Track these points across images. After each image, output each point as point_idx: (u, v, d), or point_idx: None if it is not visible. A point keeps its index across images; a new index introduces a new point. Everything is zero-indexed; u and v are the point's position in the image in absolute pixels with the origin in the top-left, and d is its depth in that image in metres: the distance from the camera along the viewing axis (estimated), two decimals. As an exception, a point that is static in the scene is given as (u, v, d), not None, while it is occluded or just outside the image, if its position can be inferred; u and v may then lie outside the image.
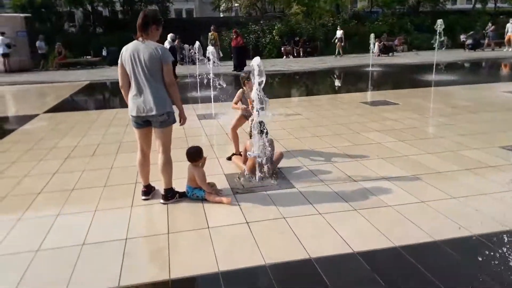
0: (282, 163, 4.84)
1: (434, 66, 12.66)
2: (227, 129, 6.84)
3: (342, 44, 23.35)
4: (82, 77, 17.16)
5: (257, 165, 4.39)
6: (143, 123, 3.97)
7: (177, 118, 4.07)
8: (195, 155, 4.15)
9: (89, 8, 29.56)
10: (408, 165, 4.81)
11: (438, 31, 12.41)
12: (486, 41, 23.95)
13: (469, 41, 23.72)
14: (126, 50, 3.86)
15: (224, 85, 8.08)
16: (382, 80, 14.18)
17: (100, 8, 30.89)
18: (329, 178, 4.49)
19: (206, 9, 41.39)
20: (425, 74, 13.43)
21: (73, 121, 8.19)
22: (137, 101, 3.84)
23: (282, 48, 24.10)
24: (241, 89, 5.38)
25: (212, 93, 8.28)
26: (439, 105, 8.29)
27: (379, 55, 22.32)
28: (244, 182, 4.46)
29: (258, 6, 33.98)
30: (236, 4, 38.28)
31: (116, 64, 4.09)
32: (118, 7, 30.54)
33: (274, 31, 24.73)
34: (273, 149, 4.55)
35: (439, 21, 12.34)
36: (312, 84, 14.49)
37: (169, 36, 15.13)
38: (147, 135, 4.11)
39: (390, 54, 22.46)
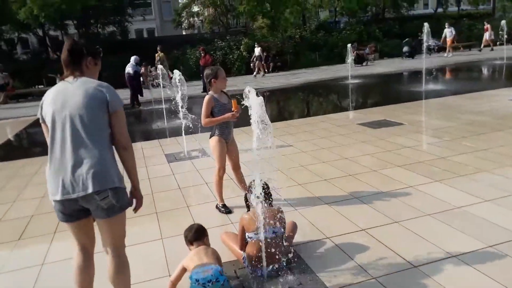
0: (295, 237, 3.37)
1: (423, 74, 11.63)
2: (205, 173, 5.34)
3: (263, 62, 21.17)
4: (30, 110, 15.18)
5: (263, 253, 2.89)
6: (74, 213, 2.48)
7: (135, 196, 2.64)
8: (205, 231, 3.12)
9: (40, 32, 27.40)
10: (481, 229, 3.45)
11: (422, 37, 11.41)
12: (424, 47, 23.16)
13: (406, 49, 23.06)
14: (48, 97, 2.51)
15: (189, 115, 6.58)
16: (368, 94, 13.00)
17: (52, 32, 28.76)
18: (371, 260, 3.06)
19: (168, 27, 39.82)
20: (409, 84, 12.45)
21: (3, 175, 6.44)
22: (62, 176, 2.37)
23: (251, 64, 22.84)
24: (208, 95, 4.05)
25: (182, 122, 6.76)
26: (450, 123, 7.09)
27: (352, 65, 21.42)
28: (244, 277, 2.97)
29: (222, 21, 32.76)
30: (198, 21, 36.98)
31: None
32: (72, 29, 28.50)
33: (241, 47, 23.50)
34: (283, 222, 3.07)
35: (426, 25, 11.37)
36: (294, 103, 13.16)
37: (133, 58, 13.39)
38: (87, 225, 2.60)
39: (364, 63, 21.62)
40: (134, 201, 2.65)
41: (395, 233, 3.44)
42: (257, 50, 21.11)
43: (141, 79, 13.38)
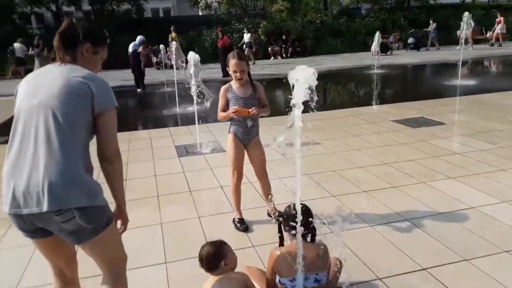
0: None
1: (459, 66, 10.60)
2: (219, 173, 4.58)
3: (253, 49, 19.58)
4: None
5: (301, 306, 2.12)
6: (37, 230, 1.86)
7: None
8: (219, 255, 2.26)
9: (53, 7, 26.68)
10: None
11: (463, 27, 10.35)
12: (429, 40, 21.91)
13: (411, 40, 21.76)
14: (24, 80, 1.99)
15: (211, 98, 5.76)
16: (398, 86, 12.00)
17: (66, 8, 28.02)
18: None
19: (185, 7, 38.78)
20: (442, 77, 11.43)
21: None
22: (14, 182, 1.77)
23: (269, 48, 21.87)
24: (226, 85, 3.34)
25: (195, 110, 6.00)
26: (503, 125, 6.17)
27: (375, 54, 20.32)
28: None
29: (240, 2, 31.65)
30: (215, 2, 35.89)
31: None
32: (86, 6, 27.70)
33: (259, 30, 22.48)
34: (328, 264, 2.28)
35: (466, 14, 10.31)
36: (317, 92, 12.25)
37: (138, 38, 12.67)
38: (59, 244, 1.96)
39: (388, 52, 20.47)
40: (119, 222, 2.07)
41: (466, 275, 2.65)
42: (246, 37, 19.52)
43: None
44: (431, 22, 21.75)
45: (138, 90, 12.44)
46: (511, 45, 20.68)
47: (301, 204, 2.08)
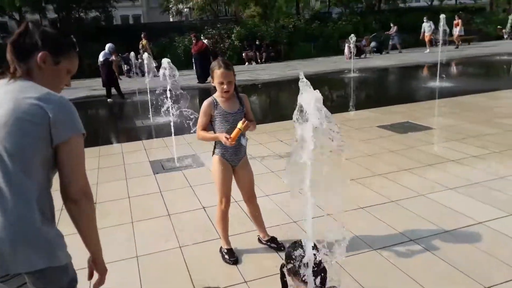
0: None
1: (438, 68, 10.55)
2: (201, 192, 4.14)
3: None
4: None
5: None
6: None
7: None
8: None
9: (16, 16, 25.50)
10: None
11: (441, 28, 10.32)
12: (390, 43, 22.34)
13: (373, 44, 22.16)
14: None
15: (186, 105, 5.35)
16: (377, 90, 11.86)
17: (30, 16, 26.82)
18: None
19: (155, 14, 38.04)
20: (419, 79, 11.41)
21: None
22: None
23: (243, 54, 21.55)
24: (209, 99, 2.86)
25: (171, 120, 5.56)
26: (491, 129, 6.00)
27: (349, 58, 20.33)
28: None
29: (213, 8, 31.24)
30: (186, 8, 35.33)
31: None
32: (51, 14, 26.64)
33: (233, 35, 22.14)
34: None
35: (442, 16, 10.27)
36: (293, 99, 11.98)
37: (107, 46, 12.10)
38: None
39: (362, 56, 20.52)
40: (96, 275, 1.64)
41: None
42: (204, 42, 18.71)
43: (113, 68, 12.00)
44: (391, 25, 22.09)
45: (109, 100, 11.82)
46: (471, 47, 21.14)
47: (313, 246, 1.70)
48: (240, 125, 2.72)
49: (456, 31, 21.10)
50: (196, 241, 3.32)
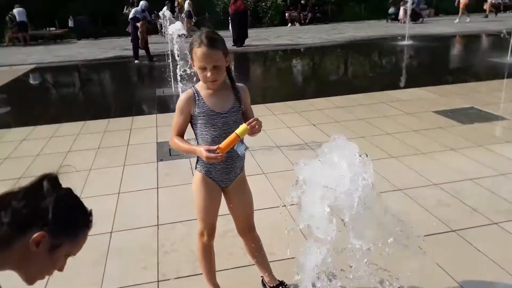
0: None
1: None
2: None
3: (193, 20, 16.68)
4: (34, 56, 13.38)
5: None
6: None
7: None
8: None
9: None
10: None
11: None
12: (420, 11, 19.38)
13: (392, 10, 19.33)
14: None
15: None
16: (436, 63, 10.14)
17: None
18: None
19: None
20: (486, 52, 9.72)
21: None
22: None
23: (286, 14, 20.05)
24: (188, 90, 1.94)
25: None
26: None
27: (404, 22, 18.31)
28: None
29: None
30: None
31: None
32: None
33: (276, -7, 20.60)
34: None
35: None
36: (337, 69, 10.69)
37: (141, 3, 11.32)
38: None
39: (419, 20, 18.40)
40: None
41: None
42: (187, 4, 16.68)
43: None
44: None
45: (135, 61, 11.12)
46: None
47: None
48: (240, 129, 1.78)
49: None
50: (193, 272, 2.49)
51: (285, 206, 3.19)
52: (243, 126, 1.78)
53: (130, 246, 2.81)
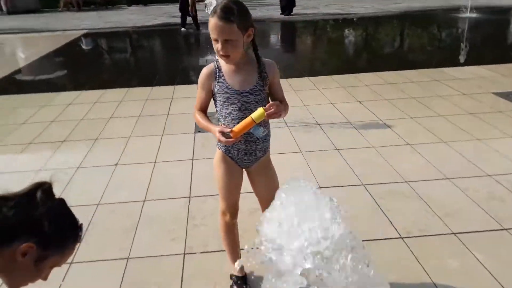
0: None
1: None
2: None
3: None
4: (87, 21, 13.74)
5: None
6: None
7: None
8: None
9: None
10: None
11: None
12: None
13: None
14: None
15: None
16: (500, 39, 9.20)
17: None
18: None
19: None
20: None
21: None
22: None
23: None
24: (210, 64, 1.83)
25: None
26: None
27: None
28: None
29: None
30: None
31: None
32: None
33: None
34: None
35: None
36: (389, 42, 10.08)
37: None
38: None
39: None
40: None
41: None
42: None
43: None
44: None
45: (182, 29, 11.08)
46: None
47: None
48: (257, 113, 1.64)
49: None
50: (207, 249, 2.45)
51: (319, 187, 3.05)
52: (260, 110, 1.64)
53: (161, 216, 2.80)
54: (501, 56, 6.82)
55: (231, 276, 2.17)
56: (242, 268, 2.15)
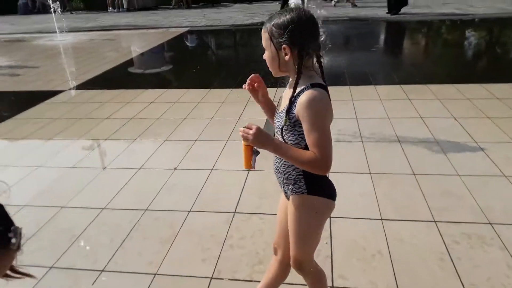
0: None
1: None
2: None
3: None
4: (191, 18, 14.43)
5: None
6: None
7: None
8: None
9: None
10: None
11: None
12: None
13: None
14: None
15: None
16: None
17: None
18: None
19: None
20: None
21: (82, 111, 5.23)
22: None
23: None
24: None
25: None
26: None
27: None
28: None
29: None
30: None
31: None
32: None
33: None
34: None
35: None
36: (507, 50, 8.71)
37: None
38: None
39: None
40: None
41: None
42: None
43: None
44: None
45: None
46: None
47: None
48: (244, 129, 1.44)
49: None
50: (236, 277, 2.24)
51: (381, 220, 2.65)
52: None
53: (200, 231, 2.68)
54: None
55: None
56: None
